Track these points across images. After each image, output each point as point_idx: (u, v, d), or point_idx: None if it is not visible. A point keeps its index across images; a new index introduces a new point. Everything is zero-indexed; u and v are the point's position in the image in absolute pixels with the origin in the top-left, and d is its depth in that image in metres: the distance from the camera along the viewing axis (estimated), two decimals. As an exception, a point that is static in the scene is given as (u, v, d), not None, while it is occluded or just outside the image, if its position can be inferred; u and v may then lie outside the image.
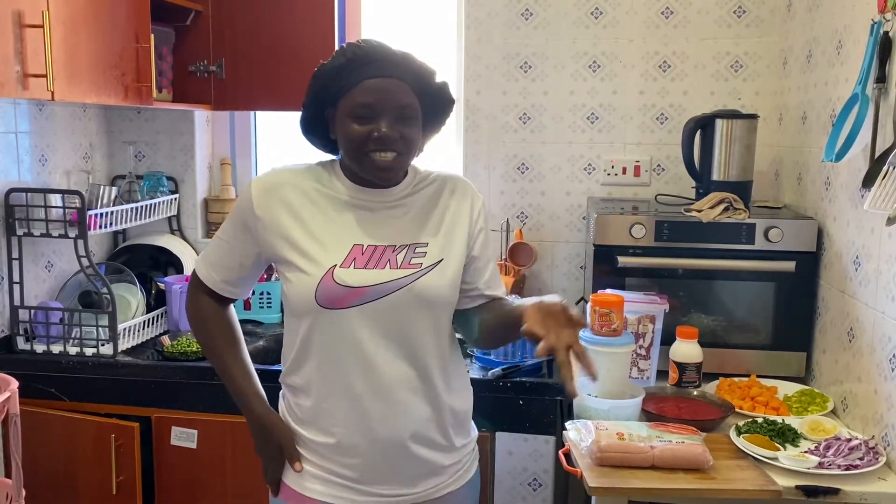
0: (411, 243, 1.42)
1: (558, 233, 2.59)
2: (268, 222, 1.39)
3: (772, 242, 1.99)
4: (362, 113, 1.34)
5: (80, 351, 2.22)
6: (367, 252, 1.39)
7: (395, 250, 1.40)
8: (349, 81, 1.35)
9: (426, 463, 1.43)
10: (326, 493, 1.41)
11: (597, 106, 2.52)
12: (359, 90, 1.34)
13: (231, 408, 2.09)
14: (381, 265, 1.38)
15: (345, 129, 1.36)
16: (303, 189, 1.41)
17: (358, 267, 1.37)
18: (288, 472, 1.46)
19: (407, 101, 1.36)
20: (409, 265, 1.40)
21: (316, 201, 1.41)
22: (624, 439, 1.52)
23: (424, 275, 1.39)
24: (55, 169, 2.42)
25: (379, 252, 1.39)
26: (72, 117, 2.50)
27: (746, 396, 1.88)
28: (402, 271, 1.39)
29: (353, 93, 1.35)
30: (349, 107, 1.35)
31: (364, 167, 1.38)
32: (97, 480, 2.13)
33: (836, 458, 1.53)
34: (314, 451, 1.42)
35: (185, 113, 2.66)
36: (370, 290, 1.36)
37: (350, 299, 1.35)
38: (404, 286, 1.38)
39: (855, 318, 1.76)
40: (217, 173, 2.78)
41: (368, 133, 1.34)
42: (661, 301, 1.95)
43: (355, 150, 1.36)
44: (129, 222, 2.42)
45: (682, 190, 2.41)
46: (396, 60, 1.36)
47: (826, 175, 1.96)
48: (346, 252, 1.38)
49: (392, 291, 1.37)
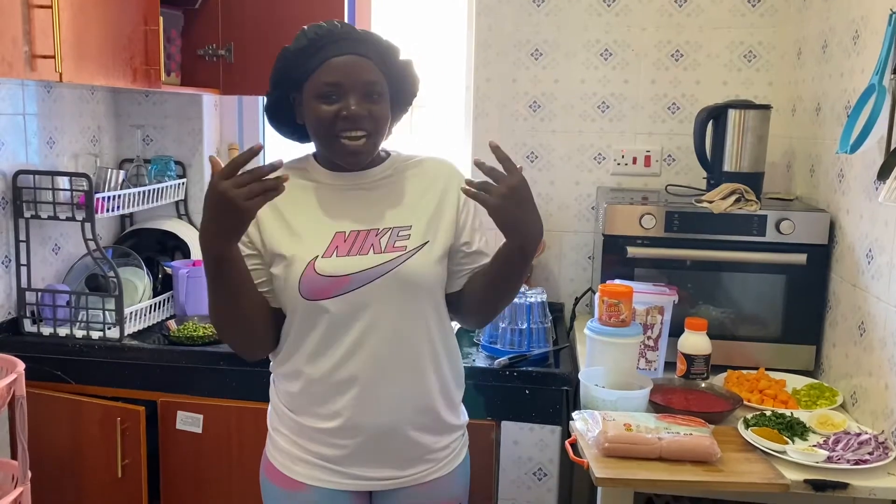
0: (394, 226, 1.40)
1: (567, 223, 2.57)
2: (257, 228, 1.38)
3: (783, 235, 1.97)
4: (328, 92, 1.33)
5: (87, 334, 2.22)
6: (350, 238, 1.38)
7: (377, 234, 1.39)
8: (313, 62, 1.34)
9: (416, 447, 1.44)
10: (313, 477, 1.43)
11: (608, 95, 2.49)
12: (324, 69, 1.33)
13: (236, 393, 2.13)
14: (364, 251, 1.37)
15: (312, 111, 1.35)
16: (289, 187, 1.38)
17: (340, 255, 1.36)
18: (276, 456, 1.47)
19: (373, 78, 1.35)
20: (393, 248, 1.38)
21: (293, 194, 1.36)
22: (631, 430, 1.51)
23: (410, 258, 1.38)
24: (63, 152, 2.42)
25: (362, 237, 1.38)
26: (80, 100, 2.49)
27: (755, 389, 1.87)
28: (386, 255, 1.37)
29: (317, 73, 1.34)
30: (315, 87, 1.34)
31: (334, 151, 1.37)
32: (102, 463, 2.14)
33: (845, 453, 1.52)
34: (306, 434, 1.43)
35: (193, 97, 2.65)
36: (354, 277, 1.35)
37: (335, 288, 1.35)
38: (389, 271, 1.36)
39: (867, 312, 1.74)
40: (225, 158, 2.77)
41: (336, 112, 1.33)
42: (671, 292, 1.94)
43: (324, 131, 1.35)
44: (136, 206, 2.41)
45: (693, 181, 2.39)
46: (359, 37, 1.36)
47: (839, 167, 1.94)
48: (327, 241, 1.37)
49: (377, 277, 1.36)
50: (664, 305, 1.93)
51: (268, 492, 1.50)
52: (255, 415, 2.11)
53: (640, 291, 1.91)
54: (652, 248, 2.03)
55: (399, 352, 1.40)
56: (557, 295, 2.59)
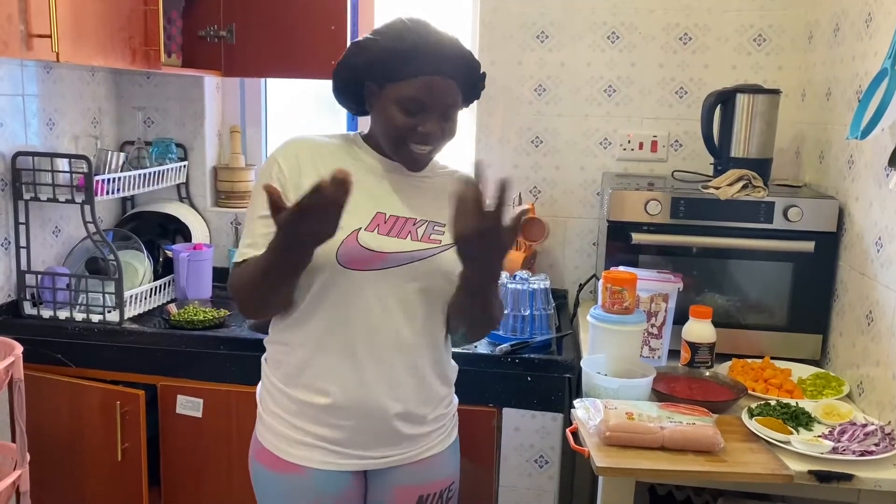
0: (431, 220, 1.45)
1: (571, 208, 2.54)
2: (295, 181, 1.38)
3: (791, 222, 1.94)
4: (412, 107, 1.36)
5: (87, 317, 2.21)
6: (390, 221, 1.41)
7: (415, 223, 1.43)
8: (405, 70, 1.35)
9: (413, 424, 1.46)
10: (311, 459, 1.42)
11: (614, 78, 2.45)
12: (414, 84, 1.35)
13: (237, 377, 2.11)
14: (402, 235, 1.41)
15: (389, 115, 1.37)
16: (329, 151, 1.43)
17: (381, 233, 1.39)
18: (271, 440, 1.45)
19: (454, 101, 1.39)
20: (429, 240, 1.43)
21: (341, 164, 1.35)
22: (633, 419, 1.49)
23: (445, 251, 1.42)
24: (63, 133, 2.39)
25: (401, 223, 1.42)
26: (80, 81, 2.47)
27: (760, 378, 1.84)
28: (424, 244, 1.42)
29: (407, 83, 1.35)
30: (400, 96, 1.36)
31: (399, 154, 1.41)
32: (102, 447, 2.13)
33: (850, 444, 1.49)
34: (302, 413, 1.42)
35: (195, 79, 2.62)
36: (392, 256, 1.38)
37: (372, 262, 1.37)
38: (426, 257, 1.40)
39: (875, 300, 1.71)
40: (226, 141, 2.75)
41: (413, 126, 1.36)
42: (675, 279, 1.91)
43: (396, 138, 1.39)
44: (136, 189, 2.39)
45: (700, 167, 2.35)
46: (451, 56, 1.37)
47: (849, 153, 1.90)
48: (369, 217, 1.39)
49: (413, 261, 1.40)
50: (669, 293, 1.90)
51: (261, 477, 1.48)
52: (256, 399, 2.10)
53: (645, 279, 1.88)
54: (657, 234, 2.00)
55: (420, 341, 1.43)
56: (561, 281, 2.56)
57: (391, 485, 1.48)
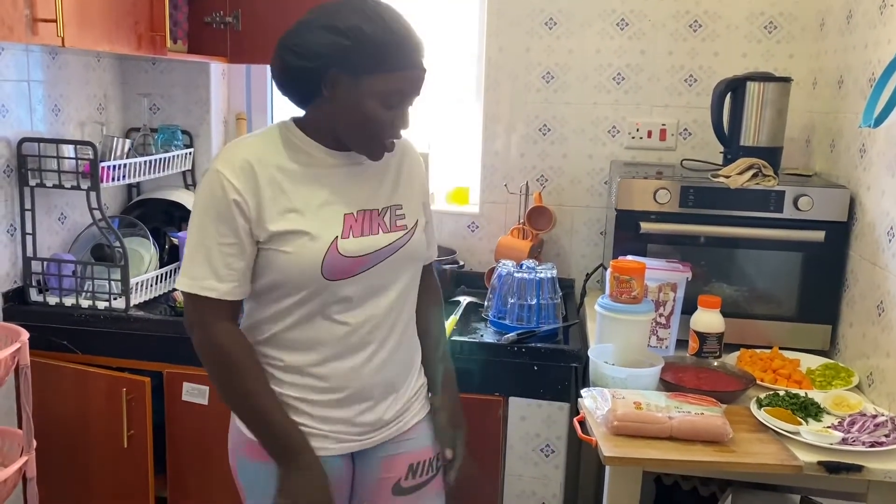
0: (390, 205, 1.42)
1: (579, 197, 2.52)
2: (253, 203, 1.28)
3: (801, 211, 1.92)
4: (394, 101, 1.30)
5: (93, 304, 2.20)
6: (359, 219, 1.37)
7: (379, 213, 1.40)
8: (392, 62, 1.27)
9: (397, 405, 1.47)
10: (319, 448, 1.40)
11: (623, 66, 2.43)
12: (400, 77, 1.28)
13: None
14: (374, 230, 1.38)
15: (366, 109, 1.28)
16: (274, 162, 1.31)
17: (356, 235, 1.35)
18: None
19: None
20: (396, 227, 1.41)
21: (292, 173, 1.32)
22: (641, 409, 1.48)
23: (413, 235, 1.42)
24: (69, 120, 2.39)
25: (368, 217, 1.38)
26: (86, 67, 2.46)
27: (768, 368, 1.83)
28: (395, 234, 1.40)
29: (393, 76, 1.27)
30: (380, 88, 1.27)
31: (369, 148, 1.34)
32: (108, 433, 2.13)
33: (860, 435, 1.48)
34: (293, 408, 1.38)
35: (200, 65, 2.60)
36: (371, 256, 1.36)
37: (354, 269, 1.34)
38: (399, 248, 1.40)
39: (886, 290, 1.70)
40: (232, 128, 2.73)
41: (391, 120, 1.31)
42: (684, 269, 1.90)
43: (371, 131, 1.31)
44: (142, 175, 2.38)
45: (709, 156, 2.33)
46: (423, 48, 1.32)
47: (861, 142, 1.88)
48: (341, 222, 1.34)
49: (390, 255, 1.38)
50: (677, 282, 1.89)
51: (248, 469, 1.43)
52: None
53: (653, 268, 1.87)
54: (666, 223, 1.98)
55: (399, 319, 1.44)
56: (568, 270, 2.55)
57: (379, 457, 1.48)
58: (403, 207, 1.43)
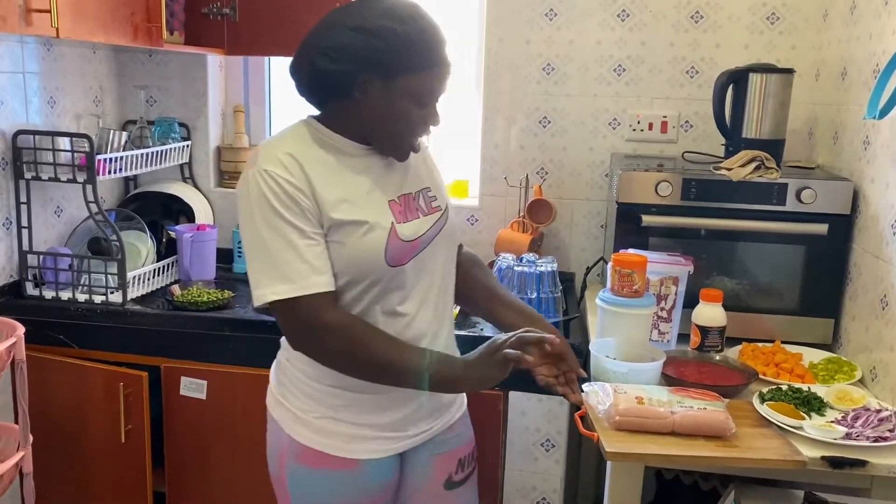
0: (421, 189, 1.43)
1: (579, 190, 2.50)
2: (310, 192, 1.27)
3: (804, 204, 1.90)
4: (427, 100, 1.30)
5: (89, 298, 2.19)
6: (402, 204, 1.37)
7: (414, 197, 1.40)
8: (425, 61, 1.27)
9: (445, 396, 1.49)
10: (365, 450, 1.39)
11: (624, 57, 2.41)
12: (432, 76, 1.29)
13: (241, 359, 2.09)
14: (417, 214, 1.39)
15: (400, 109, 1.29)
16: (312, 155, 1.31)
17: (404, 221, 1.35)
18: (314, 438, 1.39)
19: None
20: (433, 209, 1.42)
21: (330, 165, 1.32)
22: (643, 404, 1.46)
23: (449, 215, 1.45)
24: (64, 112, 2.36)
25: (409, 201, 1.39)
26: (81, 59, 2.43)
27: (770, 363, 1.82)
28: (433, 216, 1.41)
29: (425, 75, 1.28)
30: (415, 87, 1.27)
31: (399, 147, 1.35)
32: (105, 428, 2.12)
33: (864, 430, 1.47)
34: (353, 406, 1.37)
35: (197, 57, 2.58)
36: (422, 239, 1.37)
37: (410, 253, 1.35)
38: (440, 229, 1.41)
39: (889, 284, 1.68)
40: (230, 121, 2.71)
41: (423, 119, 1.32)
42: (686, 262, 1.88)
43: (404, 130, 1.32)
44: (139, 168, 2.36)
45: (711, 148, 2.31)
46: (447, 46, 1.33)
47: (865, 134, 1.86)
48: (388, 208, 1.34)
49: (434, 237, 1.40)
50: (679, 276, 1.87)
51: (305, 478, 1.41)
52: (260, 381, 2.06)
53: (655, 261, 1.85)
54: (668, 216, 1.96)
55: (446, 302, 1.46)
56: (568, 264, 2.53)
57: (431, 455, 1.48)
58: (433, 190, 1.45)
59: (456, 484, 1.53)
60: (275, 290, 1.24)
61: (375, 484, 1.42)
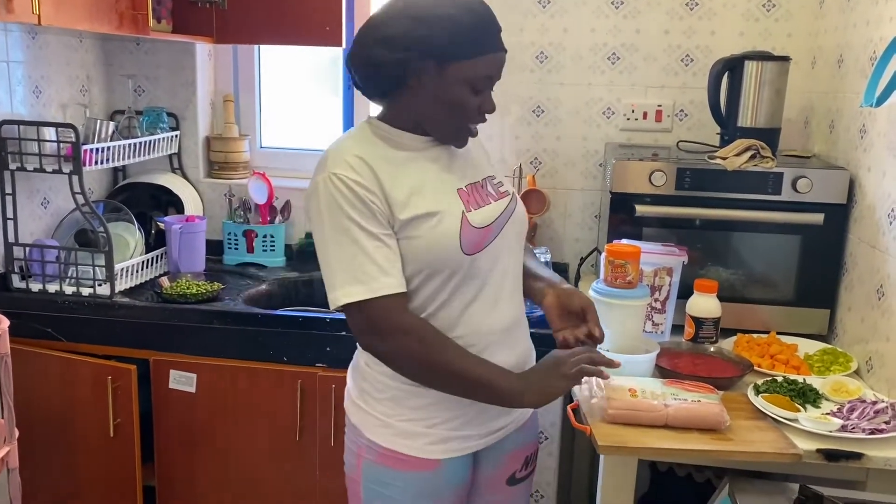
0: (486, 176, 1.42)
1: (573, 180, 2.48)
2: (380, 193, 1.27)
3: (800, 193, 1.88)
4: (482, 85, 1.29)
5: (77, 290, 2.16)
6: (470, 192, 1.36)
7: (482, 185, 1.40)
8: (479, 47, 1.27)
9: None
10: (446, 450, 1.37)
11: (618, 45, 2.38)
12: (490, 60, 1.28)
13: (230, 352, 2.07)
14: (486, 201, 1.37)
15: (456, 96, 1.28)
16: (378, 154, 1.31)
17: (475, 209, 1.34)
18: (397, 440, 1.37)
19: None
20: (501, 195, 1.41)
21: (397, 161, 1.32)
22: (637, 396, 1.44)
23: (517, 202, 1.43)
24: (50, 102, 2.33)
25: (477, 188, 1.38)
26: (67, 48, 2.39)
27: (765, 354, 1.80)
28: (503, 201, 1.40)
29: (480, 60, 1.27)
30: (472, 75, 1.27)
31: (456, 135, 1.35)
32: (94, 422, 2.09)
33: (860, 422, 1.45)
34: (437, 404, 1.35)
35: (186, 46, 2.54)
36: (494, 225, 1.36)
37: (484, 240, 1.33)
38: (510, 215, 1.40)
39: (886, 274, 1.66)
40: (220, 110, 2.68)
41: (478, 106, 1.31)
42: (680, 253, 1.86)
43: (459, 117, 1.31)
44: (127, 159, 2.33)
45: (706, 138, 2.29)
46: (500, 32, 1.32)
47: (862, 122, 1.84)
48: (457, 197, 1.33)
49: (505, 223, 1.38)
50: (673, 266, 1.85)
51: (386, 478, 1.38)
52: (250, 374, 2.07)
53: (649, 252, 1.83)
54: (662, 206, 1.94)
55: (518, 288, 1.44)
56: (562, 255, 2.51)
57: (502, 453, 1.47)
58: (497, 176, 1.45)
59: (518, 481, 1.52)
60: (347, 293, 1.26)
61: (453, 483, 1.40)
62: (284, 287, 2.42)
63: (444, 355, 1.29)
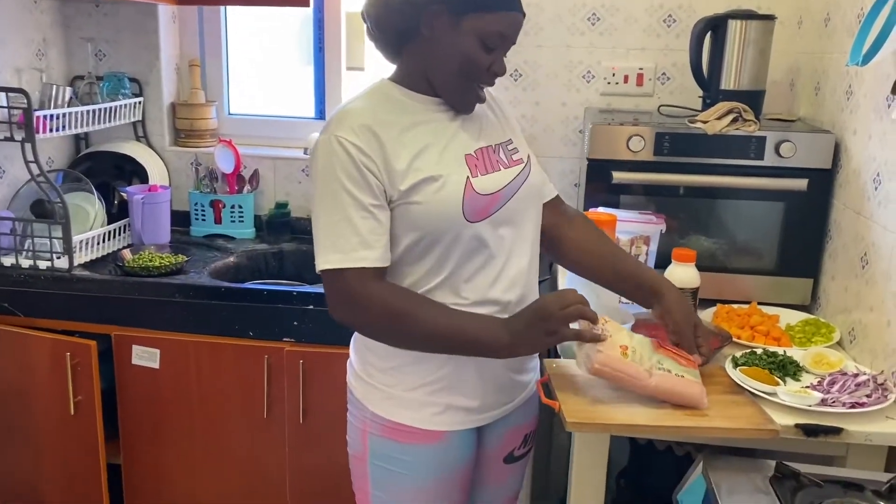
0: (501, 141, 1.39)
1: (552, 147, 2.39)
2: (381, 161, 1.24)
3: (783, 158, 1.81)
4: (493, 43, 1.26)
5: (34, 263, 2.07)
6: (479, 157, 1.33)
7: (494, 150, 1.36)
8: (495, 1, 1.24)
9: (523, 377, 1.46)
10: (455, 422, 1.36)
11: (598, 6, 2.28)
12: (503, 18, 1.25)
13: (195, 326, 2.00)
14: (496, 167, 1.34)
15: (465, 49, 1.25)
16: (387, 119, 1.27)
17: (482, 174, 1.30)
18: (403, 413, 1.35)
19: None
20: (514, 161, 1.37)
21: (405, 125, 1.28)
22: (627, 356, 1.34)
23: (531, 169, 1.39)
24: (3, 66, 2.22)
25: (487, 154, 1.34)
26: (21, 8, 2.28)
27: (745, 325, 1.73)
28: (515, 169, 1.36)
29: (496, 16, 1.24)
30: (485, 30, 1.24)
31: (462, 94, 1.31)
32: (53, 400, 2.03)
33: (840, 395, 1.39)
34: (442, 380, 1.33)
35: (147, 7, 2.43)
36: (503, 192, 1.32)
37: (491, 207, 1.30)
38: (522, 183, 1.36)
39: (871, 242, 1.60)
40: (185, 75, 2.57)
41: (489, 65, 1.27)
42: (658, 221, 1.79)
43: (466, 74, 1.28)
44: (86, 126, 2.23)
45: (689, 102, 2.20)
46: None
47: (848, 82, 1.76)
48: (464, 162, 1.30)
49: (516, 191, 1.34)
50: (650, 235, 1.78)
51: (393, 451, 1.37)
52: (215, 349, 2.00)
53: (625, 220, 1.76)
54: (640, 172, 1.87)
55: (533, 264, 1.40)
56: (541, 224, 2.43)
57: (504, 428, 1.46)
58: (514, 142, 1.41)
59: (515, 458, 1.51)
60: (326, 259, 1.24)
61: (459, 457, 1.39)
62: (253, 259, 2.34)
63: (415, 318, 1.25)
